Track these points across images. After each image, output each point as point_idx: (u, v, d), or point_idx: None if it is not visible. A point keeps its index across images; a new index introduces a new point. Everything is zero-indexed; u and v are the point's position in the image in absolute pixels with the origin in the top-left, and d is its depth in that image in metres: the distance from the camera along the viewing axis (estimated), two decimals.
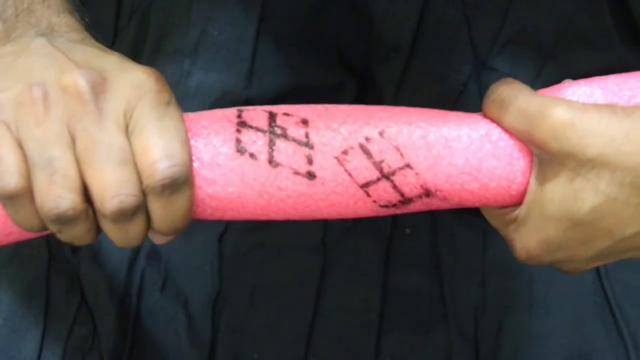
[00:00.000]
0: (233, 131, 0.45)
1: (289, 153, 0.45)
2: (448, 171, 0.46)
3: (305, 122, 0.46)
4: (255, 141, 0.45)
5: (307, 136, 0.45)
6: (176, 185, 0.43)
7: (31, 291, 0.69)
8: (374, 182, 0.46)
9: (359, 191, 0.46)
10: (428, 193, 0.46)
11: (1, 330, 0.68)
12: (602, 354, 0.66)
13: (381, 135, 0.46)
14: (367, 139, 0.46)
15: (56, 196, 0.41)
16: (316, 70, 0.66)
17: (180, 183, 0.43)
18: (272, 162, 0.45)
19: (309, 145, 0.45)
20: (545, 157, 0.45)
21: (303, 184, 0.45)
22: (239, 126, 0.46)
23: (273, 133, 0.45)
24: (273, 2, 0.65)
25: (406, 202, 0.47)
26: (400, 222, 0.68)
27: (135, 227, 0.44)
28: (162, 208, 0.43)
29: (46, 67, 0.44)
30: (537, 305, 0.67)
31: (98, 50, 0.46)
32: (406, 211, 0.47)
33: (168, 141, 0.43)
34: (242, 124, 0.46)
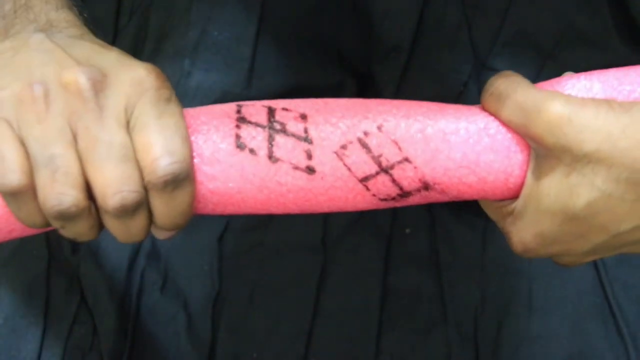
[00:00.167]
0: (232, 127, 0.45)
1: (289, 148, 0.45)
2: (446, 164, 0.46)
3: (304, 117, 0.46)
4: (254, 137, 0.45)
5: (306, 131, 0.46)
6: (178, 181, 0.43)
7: (31, 291, 0.68)
8: (373, 176, 0.46)
9: (358, 185, 0.46)
10: (426, 186, 0.46)
11: (1, 330, 0.68)
12: (602, 354, 0.66)
13: (379, 129, 0.46)
14: (366, 133, 0.46)
15: (59, 193, 0.41)
16: (316, 70, 0.66)
17: (181, 179, 0.43)
18: (272, 158, 0.45)
19: (308, 140, 0.45)
20: (541, 152, 0.45)
21: (303, 179, 0.45)
22: (239, 122, 0.46)
23: (272, 128, 0.46)
24: (273, 2, 0.65)
25: (405, 196, 0.47)
26: (399, 222, 0.68)
27: (137, 223, 0.44)
28: (164, 204, 0.44)
29: (45, 63, 0.44)
30: (537, 304, 0.67)
31: (98, 46, 0.46)
32: (405, 204, 0.47)
33: (169, 138, 0.43)
34: (242, 120, 0.46)
